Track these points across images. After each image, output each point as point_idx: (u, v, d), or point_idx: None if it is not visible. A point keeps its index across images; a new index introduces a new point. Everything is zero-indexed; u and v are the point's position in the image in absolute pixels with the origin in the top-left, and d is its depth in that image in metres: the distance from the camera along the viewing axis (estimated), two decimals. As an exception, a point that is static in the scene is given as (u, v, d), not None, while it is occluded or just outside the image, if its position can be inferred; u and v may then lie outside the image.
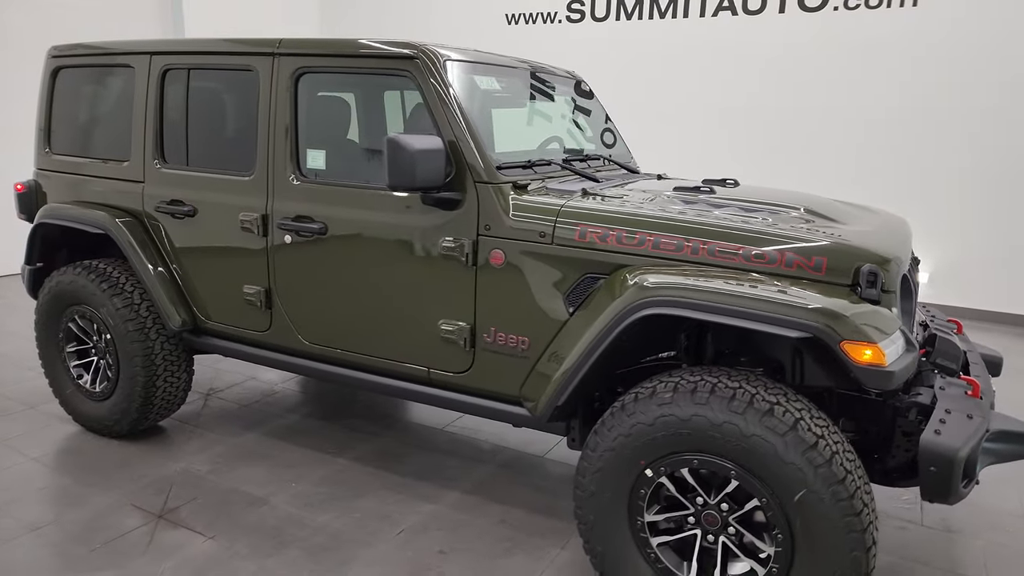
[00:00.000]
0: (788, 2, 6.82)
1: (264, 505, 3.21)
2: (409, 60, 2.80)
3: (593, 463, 2.39)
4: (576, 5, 7.85)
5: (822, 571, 2.08)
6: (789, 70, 6.93)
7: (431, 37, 8.57)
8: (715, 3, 7.14)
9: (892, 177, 6.59)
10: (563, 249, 2.59)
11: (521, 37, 8.19)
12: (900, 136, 6.55)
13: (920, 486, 2.15)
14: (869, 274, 2.22)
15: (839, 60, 6.71)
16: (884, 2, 6.48)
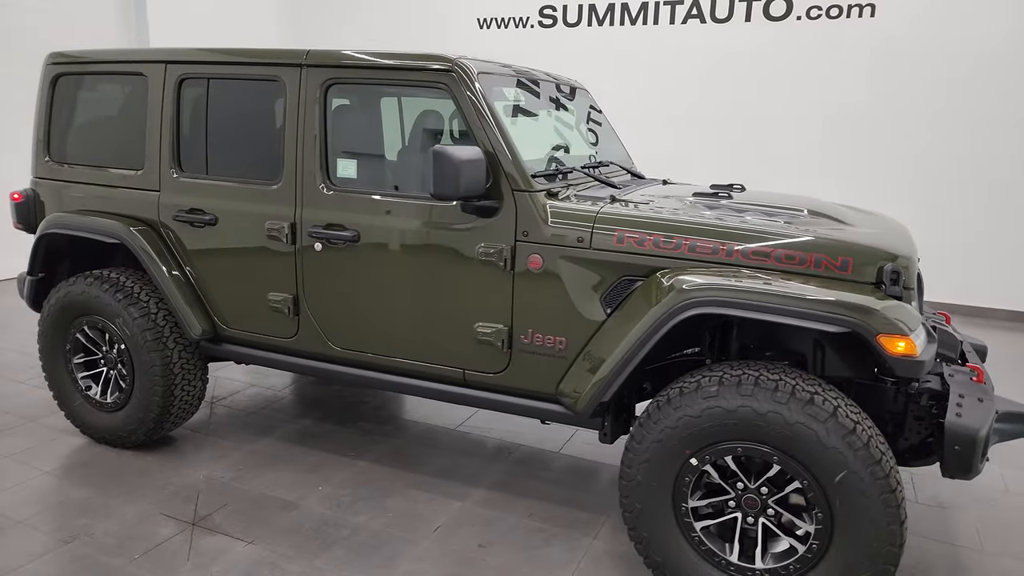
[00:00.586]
0: (754, 11, 7.14)
1: (296, 508, 3.26)
2: (445, 73, 2.90)
3: (640, 454, 2.55)
4: (548, 11, 8.01)
5: (861, 545, 2.28)
6: (755, 75, 7.24)
7: (400, 41, 8.65)
8: (684, 11, 7.41)
9: (849, 174, 6.97)
10: (601, 253, 2.74)
11: (493, 42, 8.31)
12: (861, 135, 6.94)
13: (943, 464, 2.37)
14: (892, 272, 2.43)
15: (802, 65, 7.06)
16: (844, 12, 6.85)
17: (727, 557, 2.51)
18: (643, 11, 7.59)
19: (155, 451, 3.75)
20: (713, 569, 2.53)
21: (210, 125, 3.40)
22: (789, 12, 7.05)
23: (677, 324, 2.48)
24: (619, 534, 3.12)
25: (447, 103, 3.62)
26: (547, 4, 8.01)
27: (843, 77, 6.93)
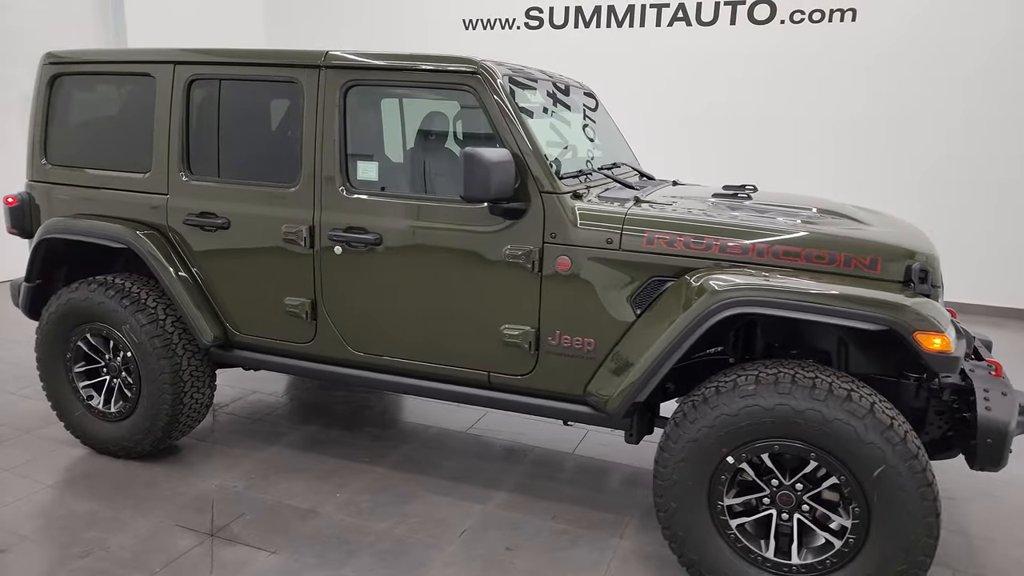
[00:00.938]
0: (739, 15, 7.25)
1: (315, 516, 3.21)
2: (470, 75, 2.88)
3: (676, 454, 2.56)
4: (535, 12, 8.03)
5: (899, 538, 2.32)
6: (740, 77, 7.35)
7: (385, 42, 8.58)
8: (670, 14, 7.49)
9: (832, 173, 7.11)
10: (630, 254, 2.75)
11: (479, 43, 8.30)
12: (843, 136, 7.09)
13: (974, 456, 2.42)
14: (920, 271, 2.49)
15: (786, 67, 7.19)
16: (827, 17, 7.00)
17: (763, 554, 2.53)
18: (629, 13, 7.66)
19: (161, 461, 3.66)
20: (749, 566, 2.55)
21: (222, 127, 3.33)
22: (773, 16, 7.17)
23: (713, 323, 2.51)
24: (644, 534, 3.14)
25: (452, 104, 3.64)
26: (533, 6, 8.02)
27: (827, 79, 7.07)
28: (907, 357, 2.71)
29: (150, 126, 3.45)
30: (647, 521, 3.24)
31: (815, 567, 2.47)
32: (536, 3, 8.01)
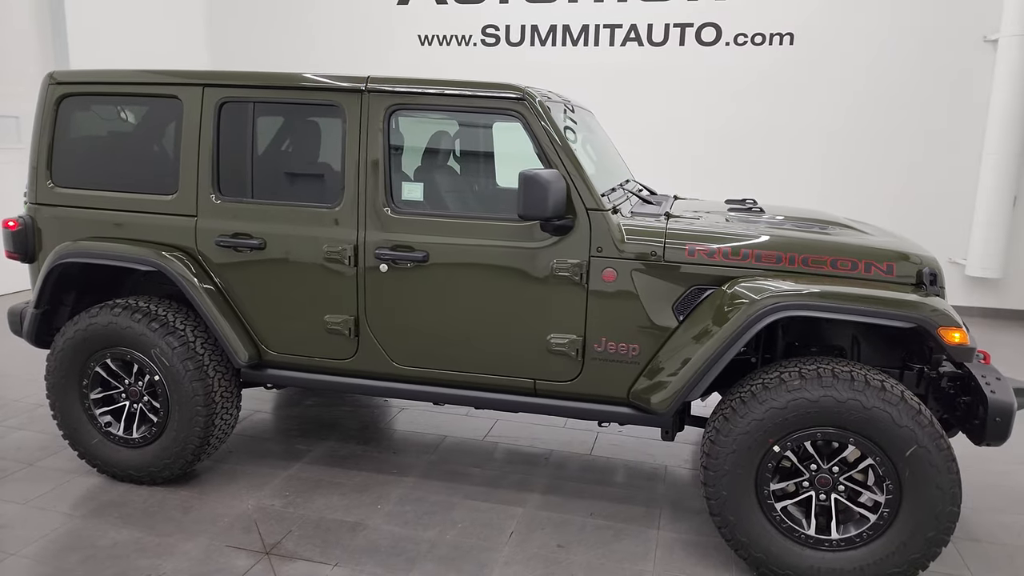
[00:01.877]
0: (687, 37, 7.71)
1: (364, 528, 3.28)
2: (517, 101, 3.06)
3: (726, 446, 2.81)
4: (491, 30, 8.25)
5: (929, 508, 2.64)
6: (688, 94, 7.82)
7: (340, 57, 8.58)
8: (623, 34, 7.87)
9: (765, 180, 7.66)
10: (672, 265, 3.00)
11: (435, 59, 8.43)
12: (783, 145, 7.67)
13: (982, 433, 2.77)
14: (931, 274, 2.85)
15: (729, 85, 7.70)
16: (767, 40, 7.56)
17: (806, 532, 2.82)
18: (584, 33, 7.99)
19: (186, 486, 3.62)
20: (794, 544, 2.83)
21: (256, 148, 3.36)
22: (719, 38, 7.67)
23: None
24: (678, 524, 3.38)
25: (452, 124, 3.81)
26: (490, 23, 8.24)
27: (767, 94, 7.63)
28: (911, 350, 3.09)
29: (175, 147, 3.44)
30: (677, 512, 3.49)
31: (853, 540, 2.77)
32: (493, 21, 8.23)
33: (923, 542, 2.68)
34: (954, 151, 7.34)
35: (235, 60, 9.05)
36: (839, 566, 2.78)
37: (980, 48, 7.09)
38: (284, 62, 8.81)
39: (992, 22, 6.99)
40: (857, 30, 7.36)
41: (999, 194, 7.16)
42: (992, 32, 7.01)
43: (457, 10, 8.34)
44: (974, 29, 7.09)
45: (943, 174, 7.39)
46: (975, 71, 7.14)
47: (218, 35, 9.16)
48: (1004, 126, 7.03)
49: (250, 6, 9.01)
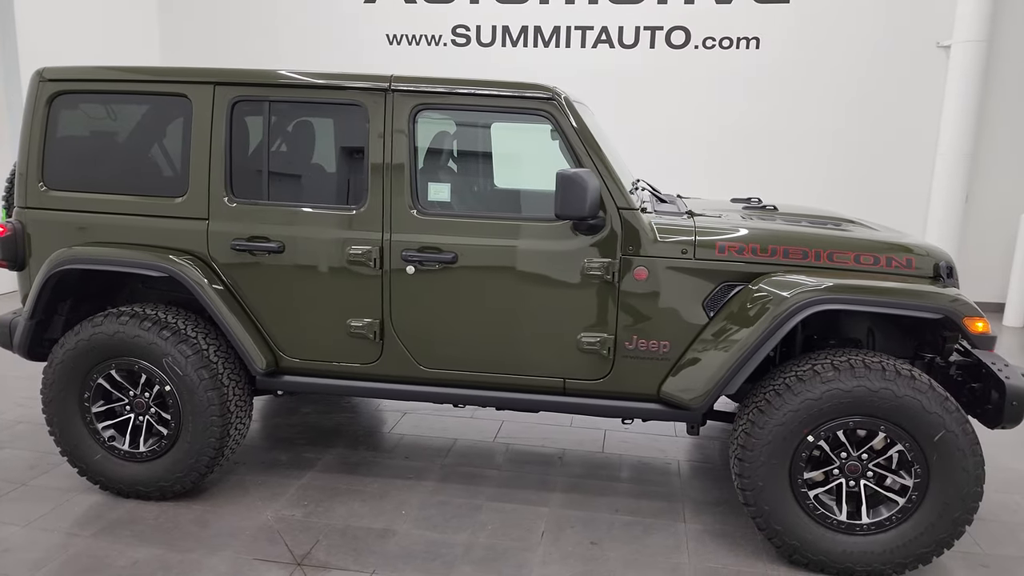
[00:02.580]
0: (657, 40, 7.86)
1: (393, 534, 3.23)
2: (547, 101, 3.07)
3: (762, 438, 2.89)
4: (461, 30, 8.22)
5: (955, 489, 2.77)
6: (657, 94, 7.96)
7: (308, 56, 8.40)
8: (594, 36, 7.97)
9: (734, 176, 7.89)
10: (703, 263, 3.05)
11: (404, 58, 8.34)
12: (749, 143, 7.92)
13: (998, 417, 2.89)
14: (947, 268, 2.99)
15: (698, 86, 7.89)
16: (734, 44, 7.77)
17: (837, 518, 2.92)
18: (555, 35, 8.05)
19: (196, 500, 3.48)
20: (826, 530, 2.92)
21: (272, 149, 3.27)
22: (688, 42, 7.85)
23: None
24: (702, 516, 3.45)
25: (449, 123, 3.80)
26: (460, 24, 8.21)
27: (734, 96, 7.85)
28: (923, 340, 3.23)
29: (184, 148, 3.31)
30: (699, 505, 3.56)
31: (883, 524, 2.88)
32: (463, 21, 8.20)
33: (949, 522, 2.81)
34: (910, 151, 7.70)
35: (192, 61, 8.75)
36: (870, 549, 2.89)
37: (934, 53, 7.46)
38: (247, 61, 8.58)
39: (945, 29, 7.36)
40: (820, 36, 7.65)
41: (952, 192, 7.54)
42: (945, 38, 7.39)
43: (426, 10, 8.28)
44: (928, 35, 7.46)
45: (900, 173, 7.75)
46: (929, 75, 7.51)
47: (172, 35, 8.85)
48: (956, 127, 7.42)
49: (208, 5, 8.73)
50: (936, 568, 3.01)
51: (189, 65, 8.52)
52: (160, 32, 8.86)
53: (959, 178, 7.50)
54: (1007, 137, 7.51)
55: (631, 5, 7.91)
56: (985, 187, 7.57)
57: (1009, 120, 7.48)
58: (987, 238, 7.64)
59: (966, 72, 7.31)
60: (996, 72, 7.36)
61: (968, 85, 7.31)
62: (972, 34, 7.22)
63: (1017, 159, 7.54)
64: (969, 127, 7.35)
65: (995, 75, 7.36)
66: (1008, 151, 7.53)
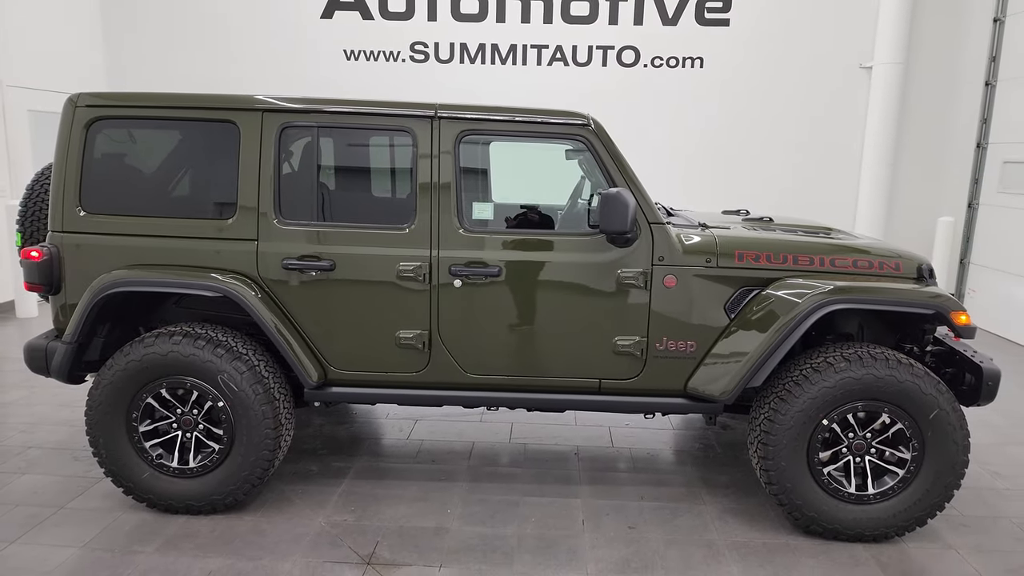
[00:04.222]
0: (609, 58, 8.32)
1: (447, 532, 3.45)
2: (583, 127, 3.39)
3: (784, 423, 3.28)
4: (420, 47, 8.42)
5: (947, 459, 3.24)
6: (609, 111, 8.38)
7: (261, 72, 8.38)
8: (550, 55, 8.34)
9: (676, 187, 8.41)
10: (725, 270, 3.43)
11: (360, 74, 8.46)
12: (691, 155, 8.47)
13: (976, 396, 3.39)
14: (928, 269, 3.49)
15: (647, 102, 8.39)
16: (680, 63, 8.32)
17: (848, 490, 3.35)
18: (512, 52, 8.38)
19: (245, 512, 3.57)
20: (839, 502, 3.35)
21: (322, 172, 3.43)
22: (637, 61, 8.35)
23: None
24: (718, 498, 3.83)
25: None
26: (418, 40, 8.41)
27: (680, 112, 8.41)
28: (904, 332, 3.72)
29: (230, 172, 3.43)
30: (712, 488, 3.94)
31: (887, 493, 3.33)
32: (421, 37, 8.41)
33: (942, 488, 3.29)
34: (838, 163, 8.46)
35: (143, 76, 8.58)
36: (876, 515, 3.34)
37: (857, 73, 8.24)
38: (203, 75, 8.49)
39: (867, 51, 8.15)
40: (757, 57, 8.31)
41: (876, 200, 8.34)
42: (867, 60, 8.18)
43: (384, 26, 8.44)
44: (852, 58, 8.24)
45: (829, 184, 8.50)
46: (854, 93, 8.29)
47: (116, 53, 8.64)
48: (878, 141, 8.22)
49: (158, 19, 8.58)
50: (928, 530, 3.49)
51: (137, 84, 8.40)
52: (105, 52, 8.63)
53: (883, 188, 8.30)
54: (923, 148, 8.38)
55: (584, 25, 8.33)
56: (905, 194, 8.41)
57: (924, 133, 8.35)
58: (908, 240, 8.47)
59: (886, 90, 8.11)
60: (912, 90, 8.21)
61: (888, 102, 8.12)
62: (891, 56, 8.04)
63: (932, 168, 8.42)
64: (890, 140, 8.17)
65: (911, 93, 8.21)
66: (925, 161, 8.40)
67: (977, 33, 7.97)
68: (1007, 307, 7.46)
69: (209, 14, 8.54)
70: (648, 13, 8.29)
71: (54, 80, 7.87)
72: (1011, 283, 7.42)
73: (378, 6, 8.38)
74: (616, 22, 8.32)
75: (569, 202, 4.29)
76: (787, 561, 3.26)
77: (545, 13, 8.28)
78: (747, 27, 8.28)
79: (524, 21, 8.34)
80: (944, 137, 8.34)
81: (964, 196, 8.17)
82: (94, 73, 8.55)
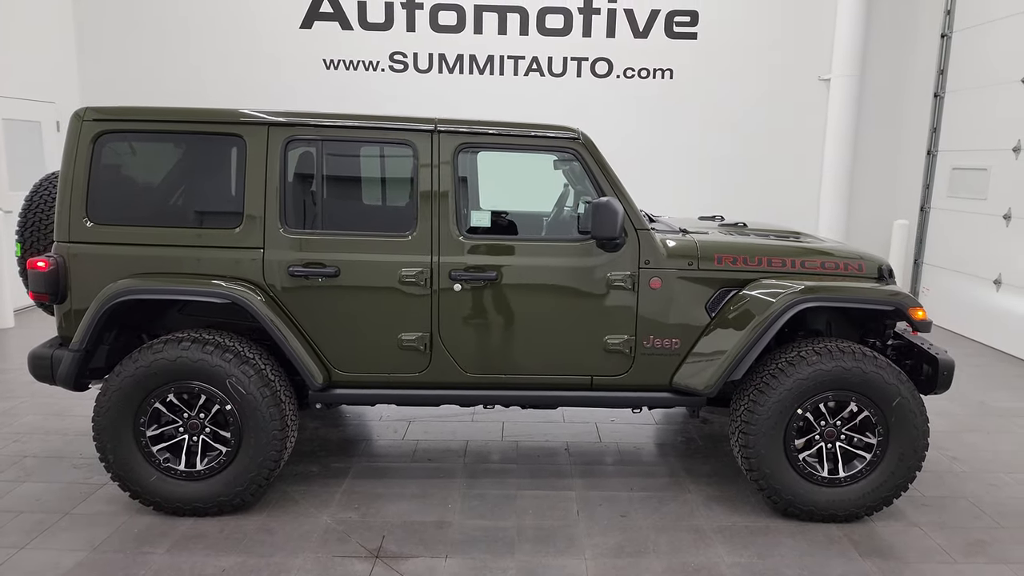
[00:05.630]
0: (583, 70, 8.60)
1: (449, 525, 3.62)
2: (574, 140, 3.61)
3: (763, 413, 3.54)
4: (399, 56, 8.58)
5: (909, 442, 3.53)
6: (584, 118, 8.65)
7: (240, 81, 8.46)
8: (526, 65, 8.58)
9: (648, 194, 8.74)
10: (705, 272, 3.69)
11: (340, 84, 8.59)
12: (662, 163, 8.79)
13: (934, 385, 3.70)
14: (888, 270, 3.79)
15: (619, 111, 8.69)
16: (651, 74, 8.64)
17: (820, 474, 3.61)
18: (489, 63, 8.60)
19: (251, 513, 3.68)
20: (813, 485, 3.61)
21: (327, 183, 3.59)
22: (610, 72, 8.65)
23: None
24: (701, 486, 4.07)
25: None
26: (397, 51, 8.57)
27: (652, 120, 8.72)
28: (867, 328, 4.01)
29: (238, 183, 3.56)
30: (695, 477, 4.19)
31: (856, 476, 3.61)
32: (400, 48, 8.58)
33: (905, 470, 3.58)
34: (800, 170, 8.86)
35: (119, 84, 8.58)
36: (847, 497, 3.61)
37: (817, 85, 8.65)
38: (180, 85, 8.53)
39: (825, 65, 8.57)
40: (722, 68, 8.68)
41: (836, 205, 8.75)
42: (825, 72, 8.59)
43: (363, 36, 8.59)
44: (811, 70, 8.65)
45: (792, 189, 8.89)
46: (814, 104, 8.70)
47: (91, 62, 8.63)
48: (837, 149, 8.64)
49: (134, 28, 8.59)
50: (894, 510, 3.78)
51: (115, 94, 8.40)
52: (79, 61, 8.61)
53: (842, 192, 8.72)
54: (879, 155, 8.83)
55: (559, 37, 8.60)
56: (863, 199, 8.84)
57: (879, 141, 8.80)
58: (867, 242, 8.90)
59: (843, 101, 8.54)
60: (867, 101, 8.65)
61: (845, 112, 8.54)
62: (847, 69, 8.46)
63: (887, 174, 8.88)
64: (848, 148, 8.59)
65: (866, 104, 8.65)
66: (880, 167, 8.85)
67: (926, 48, 8.44)
68: (957, 304, 7.90)
69: (187, 24, 8.58)
70: (620, 26, 8.59)
71: (27, 89, 7.84)
72: (961, 281, 7.87)
73: (357, 17, 8.53)
74: (590, 35, 8.60)
75: (555, 210, 4.50)
76: (768, 541, 3.51)
77: (521, 25, 8.53)
78: (714, 40, 8.64)
79: (501, 33, 8.57)
80: (897, 145, 8.81)
81: (917, 200, 8.62)
82: (68, 82, 8.52)
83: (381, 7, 8.52)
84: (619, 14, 8.59)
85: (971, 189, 7.70)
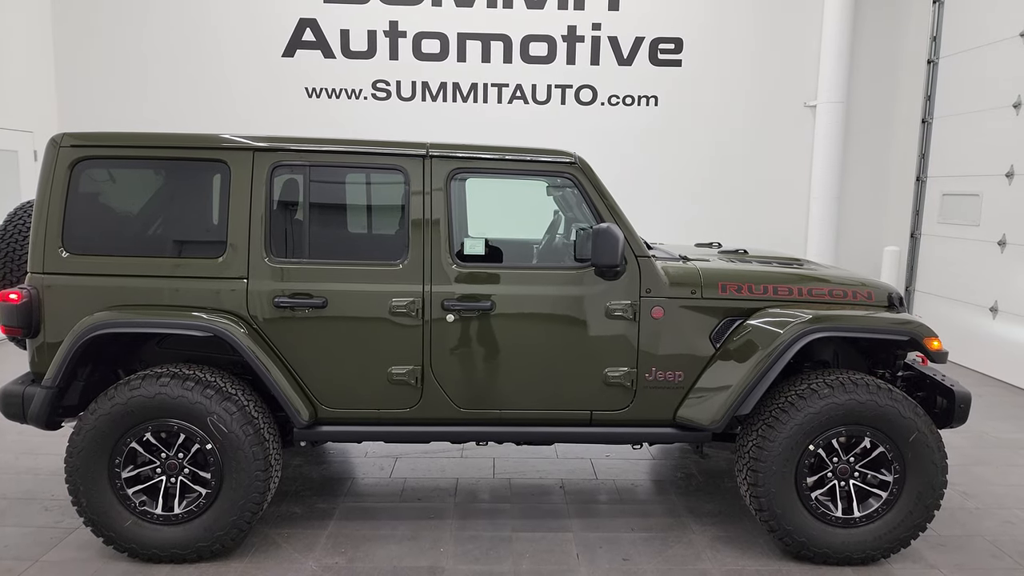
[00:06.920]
0: (568, 97, 8.55)
1: (443, 571, 3.40)
2: (570, 165, 3.49)
3: (773, 450, 3.38)
4: (381, 85, 8.48)
5: (927, 479, 3.37)
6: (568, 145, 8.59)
7: (222, 110, 8.31)
8: (510, 93, 8.52)
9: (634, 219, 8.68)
10: (710, 301, 3.54)
11: (323, 112, 8.47)
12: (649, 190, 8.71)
13: (951, 418, 3.54)
14: (898, 298, 3.67)
15: (604, 138, 8.62)
16: (636, 102, 8.62)
17: (835, 514, 3.45)
18: (473, 91, 8.52)
19: (232, 559, 3.45)
20: (827, 526, 3.44)
21: (314, 210, 3.42)
22: (595, 99, 8.61)
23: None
24: (706, 526, 3.89)
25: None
26: (380, 79, 8.48)
27: (637, 147, 8.67)
28: (876, 358, 3.88)
29: (220, 211, 3.39)
30: (698, 516, 4.00)
31: (872, 515, 3.44)
32: (383, 76, 8.48)
33: (923, 508, 3.42)
34: (787, 197, 8.83)
35: (98, 111, 8.40)
36: (862, 538, 3.44)
37: (802, 112, 8.66)
38: (161, 113, 8.36)
39: (811, 91, 8.59)
40: (708, 95, 8.67)
41: (825, 231, 8.72)
42: (811, 99, 8.61)
43: (346, 64, 8.49)
44: (797, 97, 8.67)
45: (779, 216, 8.86)
46: (800, 130, 8.70)
47: (70, 90, 8.46)
48: (825, 174, 8.63)
49: (114, 56, 8.44)
50: (910, 551, 3.61)
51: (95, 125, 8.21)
52: (58, 88, 8.43)
53: (830, 218, 8.69)
54: (867, 182, 8.83)
55: (543, 65, 8.56)
56: (852, 225, 8.81)
57: (867, 167, 8.81)
58: (856, 269, 8.84)
59: (830, 127, 8.55)
60: (854, 127, 8.67)
61: (832, 138, 8.55)
62: (833, 96, 8.49)
63: (876, 200, 8.87)
64: (835, 174, 8.58)
65: (853, 130, 8.67)
66: (869, 193, 8.85)
67: (912, 74, 8.49)
68: (951, 331, 7.82)
69: (168, 54, 8.45)
70: (604, 54, 8.57)
71: (4, 118, 7.65)
72: (955, 309, 7.82)
73: (340, 45, 8.44)
74: (574, 62, 8.57)
75: (546, 236, 4.36)
76: (781, 586, 3.33)
77: (505, 53, 8.48)
78: (698, 68, 8.63)
79: (484, 61, 8.52)
80: (886, 171, 8.82)
81: (907, 227, 8.60)
82: (47, 111, 8.33)
83: (364, 35, 8.44)
84: (603, 41, 8.58)
85: (963, 215, 7.69)
